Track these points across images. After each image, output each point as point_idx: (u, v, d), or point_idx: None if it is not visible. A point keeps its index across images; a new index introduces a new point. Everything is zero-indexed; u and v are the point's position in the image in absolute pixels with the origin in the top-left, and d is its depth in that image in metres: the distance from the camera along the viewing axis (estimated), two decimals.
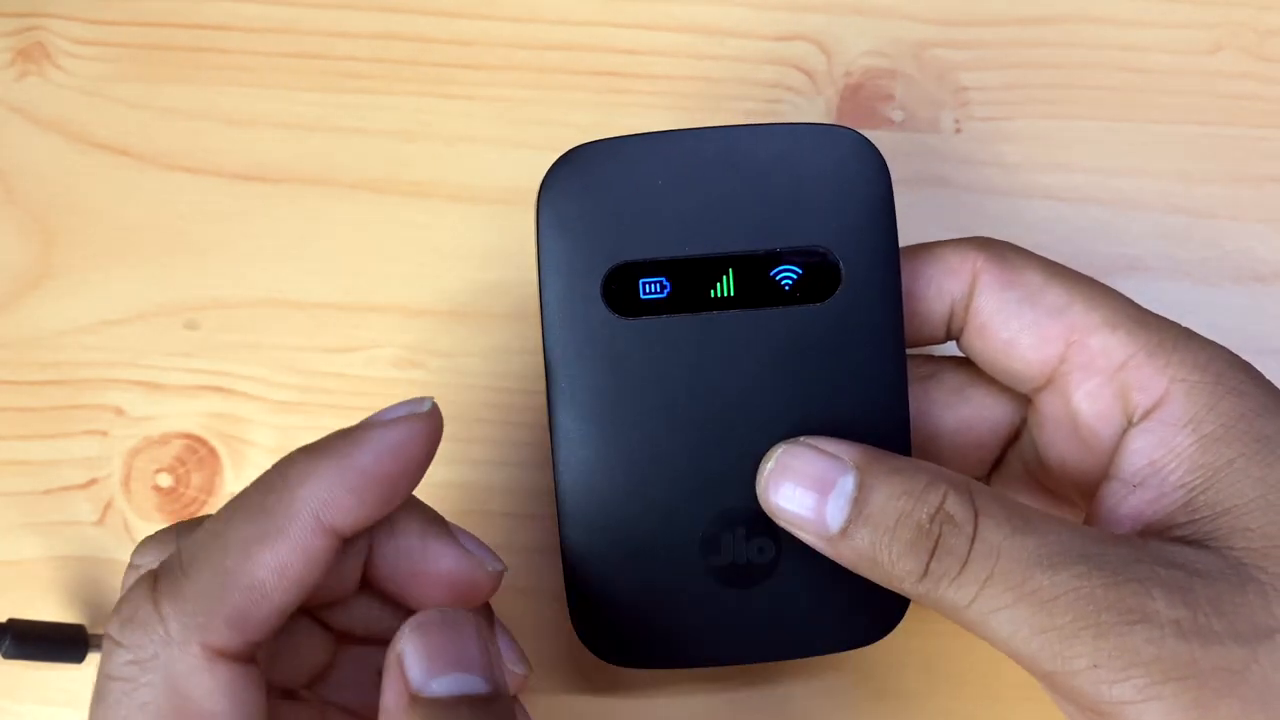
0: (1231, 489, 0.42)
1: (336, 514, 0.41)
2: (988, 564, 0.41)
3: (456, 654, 0.40)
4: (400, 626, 0.41)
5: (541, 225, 0.48)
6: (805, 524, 0.45)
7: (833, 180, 0.47)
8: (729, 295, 0.47)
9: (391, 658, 0.40)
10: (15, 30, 0.63)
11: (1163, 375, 0.44)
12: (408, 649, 0.40)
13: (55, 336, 0.60)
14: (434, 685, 0.39)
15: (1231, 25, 0.61)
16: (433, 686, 0.39)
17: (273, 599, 0.41)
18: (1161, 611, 0.39)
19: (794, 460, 0.45)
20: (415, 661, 0.40)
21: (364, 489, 0.42)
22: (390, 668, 0.40)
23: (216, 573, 0.40)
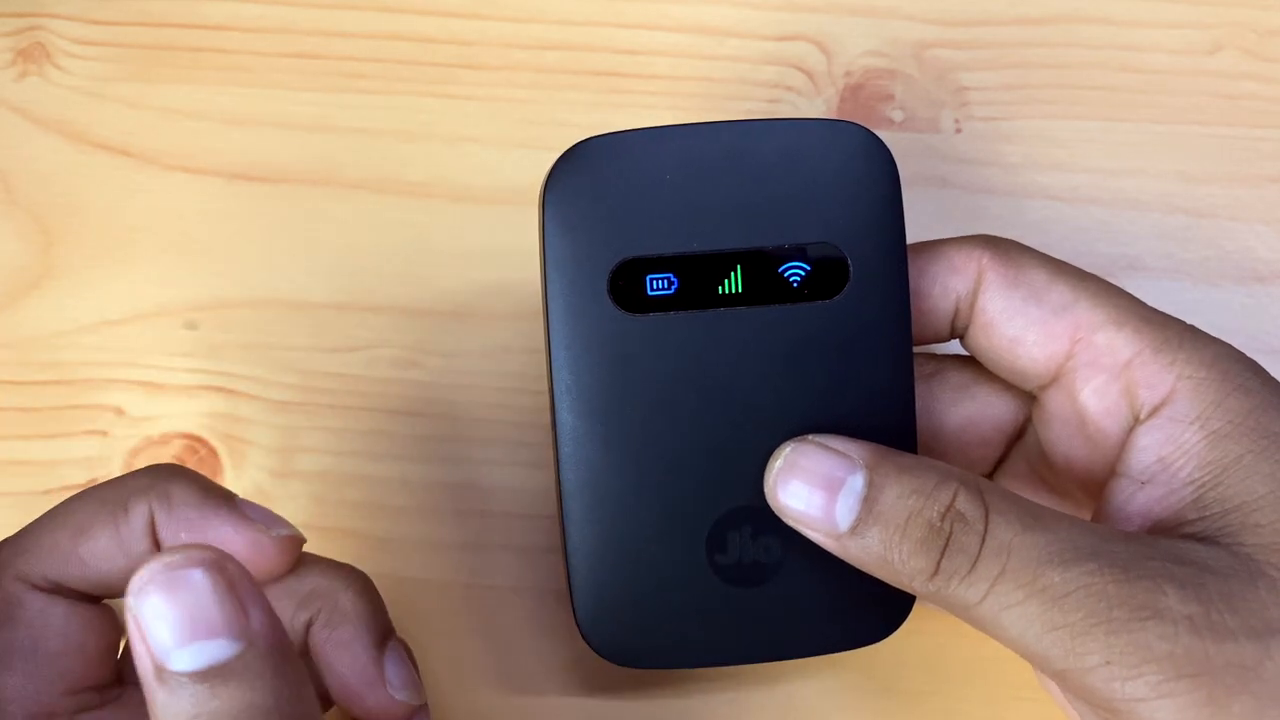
0: (1241, 485, 0.42)
1: None
2: (999, 561, 0.41)
3: (202, 619, 0.36)
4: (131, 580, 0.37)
5: (546, 221, 0.47)
6: (814, 522, 0.45)
7: (841, 176, 0.47)
8: (737, 292, 0.47)
9: (131, 621, 0.36)
10: (15, 30, 0.63)
11: (1169, 372, 0.44)
12: (145, 614, 0.36)
13: (55, 336, 0.60)
14: (183, 659, 0.36)
15: (1231, 25, 0.61)
16: (182, 660, 0.36)
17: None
18: (1174, 608, 0.39)
19: (802, 458, 0.45)
20: (155, 628, 0.36)
21: None
22: (132, 631, 0.36)
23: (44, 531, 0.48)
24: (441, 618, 0.57)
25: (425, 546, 0.58)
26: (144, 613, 0.36)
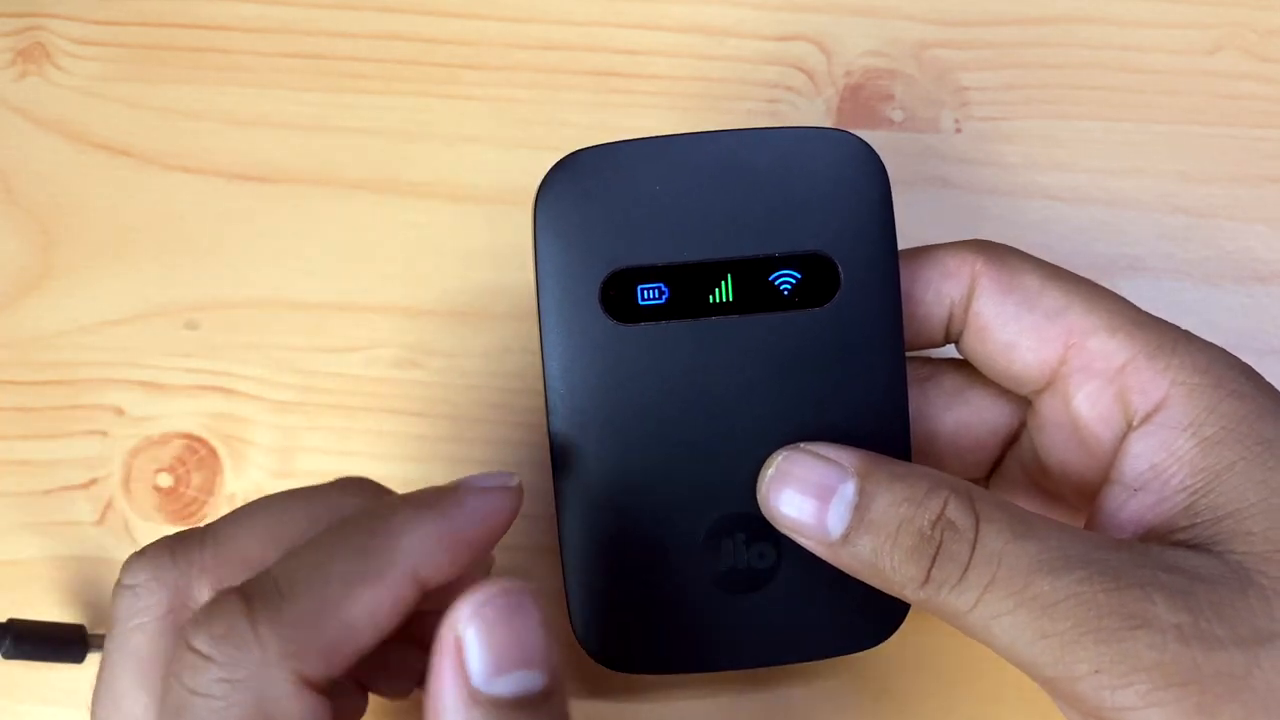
0: (1233, 493, 0.42)
1: (430, 569, 0.41)
2: (989, 570, 0.41)
3: (520, 648, 0.39)
4: (460, 599, 0.39)
5: (539, 232, 0.48)
6: (806, 530, 0.45)
7: (831, 184, 0.47)
8: (728, 301, 0.47)
9: (448, 640, 0.39)
10: (15, 30, 0.63)
11: (1163, 378, 0.44)
12: (470, 638, 0.38)
13: (55, 336, 0.60)
14: (497, 685, 0.38)
15: (1231, 25, 0.61)
16: (495, 686, 0.38)
17: (360, 638, 0.40)
18: (1163, 617, 0.39)
19: (794, 466, 0.45)
20: (477, 654, 0.38)
21: (457, 550, 0.42)
22: (446, 652, 0.39)
23: (317, 602, 0.39)
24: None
25: None
26: (469, 637, 0.38)
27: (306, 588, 0.40)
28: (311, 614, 0.39)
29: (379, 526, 0.42)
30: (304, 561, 0.41)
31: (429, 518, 0.42)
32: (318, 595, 0.40)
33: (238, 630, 0.38)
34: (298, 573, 0.40)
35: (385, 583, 0.41)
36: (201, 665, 0.38)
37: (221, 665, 0.38)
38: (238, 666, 0.38)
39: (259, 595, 0.39)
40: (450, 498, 0.43)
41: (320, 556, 0.41)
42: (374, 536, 0.41)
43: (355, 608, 0.40)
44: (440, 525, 0.42)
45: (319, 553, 0.41)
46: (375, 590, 0.40)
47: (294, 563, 0.41)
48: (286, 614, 0.39)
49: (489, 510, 0.44)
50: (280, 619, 0.39)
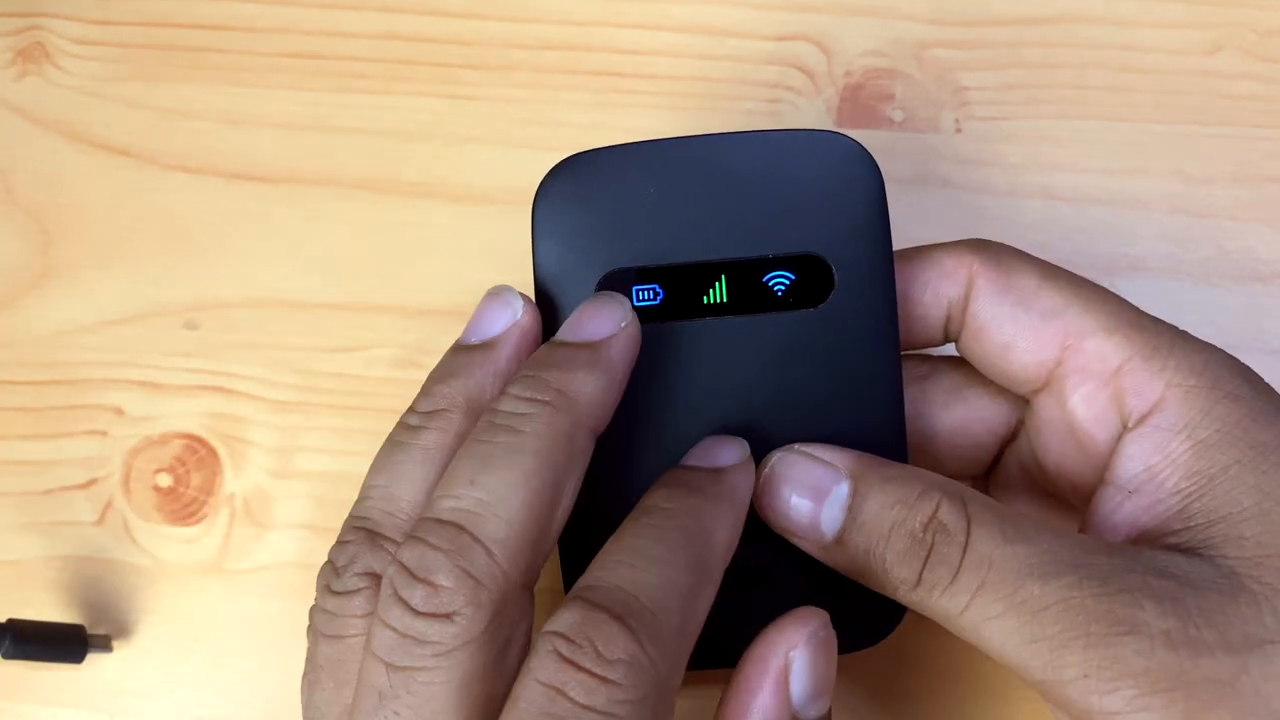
0: (1227, 496, 0.42)
1: None
2: (979, 573, 0.41)
3: (829, 678, 0.43)
4: (783, 621, 0.43)
5: (536, 235, 0.48)
6: (800, 530, 0.45)
7: (825, 186, 0.47)
8: (722, 302, 0.47)
9: (776, 660, 0.42)
10: (15, 30, 0.64)
11: (1159, 380, 0.44)
12: (801, 662, 0.42)
13: (55, 336, 0.60)
14: (811, 709, 0.42)
15: (1231, 25, 0.61)
16: (810, 710, 0.42)
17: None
18: (1151, 622, 0.39)
19: (788, 468, 0.45)
20: (804, 679, 0.42)
21: None
22: (771, 672, 0.42)
23: (679, 619, 0.40)
24: None
25: None
26: (799, 662, 0.42)
27: (670, 608, 0.40)
28: (677, 629, 0.40)
29: (694, 527, 0.43)
30: (656, 579, 0.41)
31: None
32: (679, 611, 0.41)
33: (634, 655, 0.39)
34: (657, 592, 0.40)
35: (716, 581, 0.43)
36: (607, 689, 0.38)
37: (625, 688, 0.38)
38: (639, 687, 0.39)
39: (635, 618, 0.39)
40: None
41: (669, 573, 0.41)
42: (699, 544, 0.43)
43: (702, 617, 0.42)
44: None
45: (667, 569, 0.41)
46: (710, 593, 0.43)
47: (647, 579, 0.41)
48: (664, 633, 0.40)
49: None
50: (661, 637, 0.39)
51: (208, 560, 0.59)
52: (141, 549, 0.59)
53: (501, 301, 0.47)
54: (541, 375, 0.44)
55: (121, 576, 0.59)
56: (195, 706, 0.58)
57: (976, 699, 0.56)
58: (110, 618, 0.58)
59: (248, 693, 0.58)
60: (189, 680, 0.58)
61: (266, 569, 0.59)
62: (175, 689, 0.58)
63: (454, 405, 0.46)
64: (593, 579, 0.40)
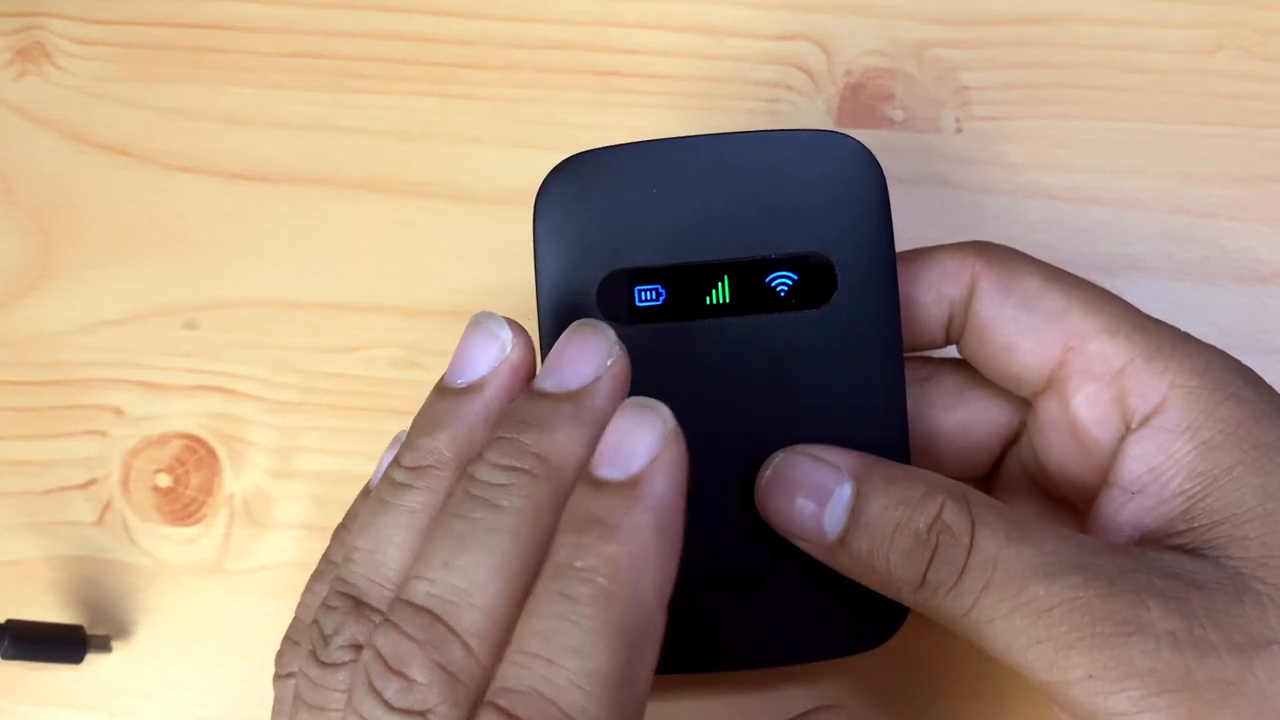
0: (1230, 497, 0.42)
1: None
2: (984, 574, 0.41)
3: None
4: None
5: (538, 235, 0.48)
6: (803, 532, 0.45)
7: (828, 186, 0.47)
8: (724, 302, 0.47)
9: None
10: (15, 30, 0.64)
11: (1161, 381, 0.44)
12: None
13: (55, 336, 0.60)
14: None
15: (1232, 25, 0.61)
16: None
17: None
18: (1157, 623, 0.39)
19: (791, 469, 0.45)
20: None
21: None
22: None
23: (615, 708, 0.36)
24: None
25: None
26: None
27: (599, 707, 0.36)
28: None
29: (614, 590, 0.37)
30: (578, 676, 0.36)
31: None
32: (612, 703, 0.36)
33: None
34: (580, 696, 0.36)
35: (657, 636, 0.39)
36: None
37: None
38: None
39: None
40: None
41: (593, 664, 0.36)
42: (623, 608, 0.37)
43: (646, 678, 0.38)
44: None
45: (589, 659, 0.36)
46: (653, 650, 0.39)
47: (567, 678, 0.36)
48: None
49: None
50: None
51: (207, 560, 0.59)
52: (141, 549, 0.59)
53: (487, 334, 0.44)
54: (519, 439, 0.40)
55: (121, 577, 0.59)
56: (195, 707, 0.58)
57: (978, 701, 0.56)
58: (110, 618, 0.58)
59: (247, 693, 0.58)
60: (188, 680, 0.58)
61: (266, 569, 0.59)
62: (175, 689, 0.58)
63: (441, 461, 0.42)
64: (510, 679, 0.36)
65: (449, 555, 0.39)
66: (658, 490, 0.38)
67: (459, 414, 0.43)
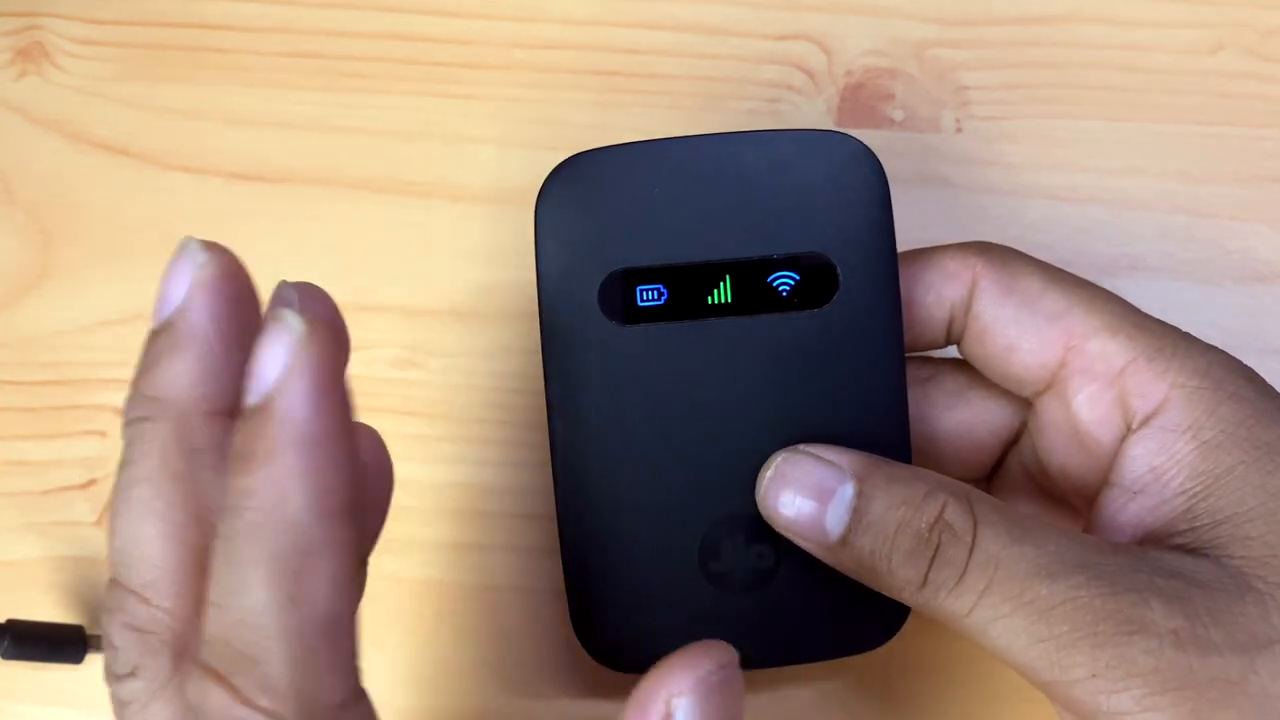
0: (1232, 496, 0.42)
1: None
2: (986, 574, 0.41)
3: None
4: (669, 662, 0.37)
5: (539, 234, 0.48)
6: (805, 531, 0.45)
7: (830, 186, 0.47)
8: (726, 302, 0.47)
9: (656, 708, 0.36)
10: (15, 30, 0.63)
11: (1162, 381, 0.44)
12: (685, 711, 0.36)
13: (54, 336, 0.60)
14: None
15: (1232, 25, 0.61)
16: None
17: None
18: (1159, 622, 0.39)
19: (793, 468, 0.45)
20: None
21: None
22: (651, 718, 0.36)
23: (289, 643, 0.34)
24: (441, 618, 0.57)
25: (425, 546, 0.58)
26: (682, 710, 0.36)
27: (268, 641, 0.34)
28: (291, 659, 0.35)
29: (261, 519, 0.34)
30: (241, 614, 0.34)
31: None
32: (282, 637, 0.34)
33: (248, 717, 0.35)
34: (246, 631, 0.34)
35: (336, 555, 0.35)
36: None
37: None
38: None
39: (236, 674, 0.34)
40: None
41: (251, 599, 0.34)
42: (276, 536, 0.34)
43: (331, 605, 0.35)
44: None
45: (246, 595, 0.34)
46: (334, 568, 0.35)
47: (231, 618, 0.35)
48: (273, 674, 0.34)
49: None
50: (269, 683, 0.34)
51: None
52: None
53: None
54: (137, 387, 0.38)
55: None
56: None
57: (979, 700, 0.56)
58: None
59: None
60: None
61: None
62: None
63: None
64: (204, 630, 0.35)
65: (112, 521, 0.38)
66: (289, 404, 0.34)
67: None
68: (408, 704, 0.57)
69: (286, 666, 0.34)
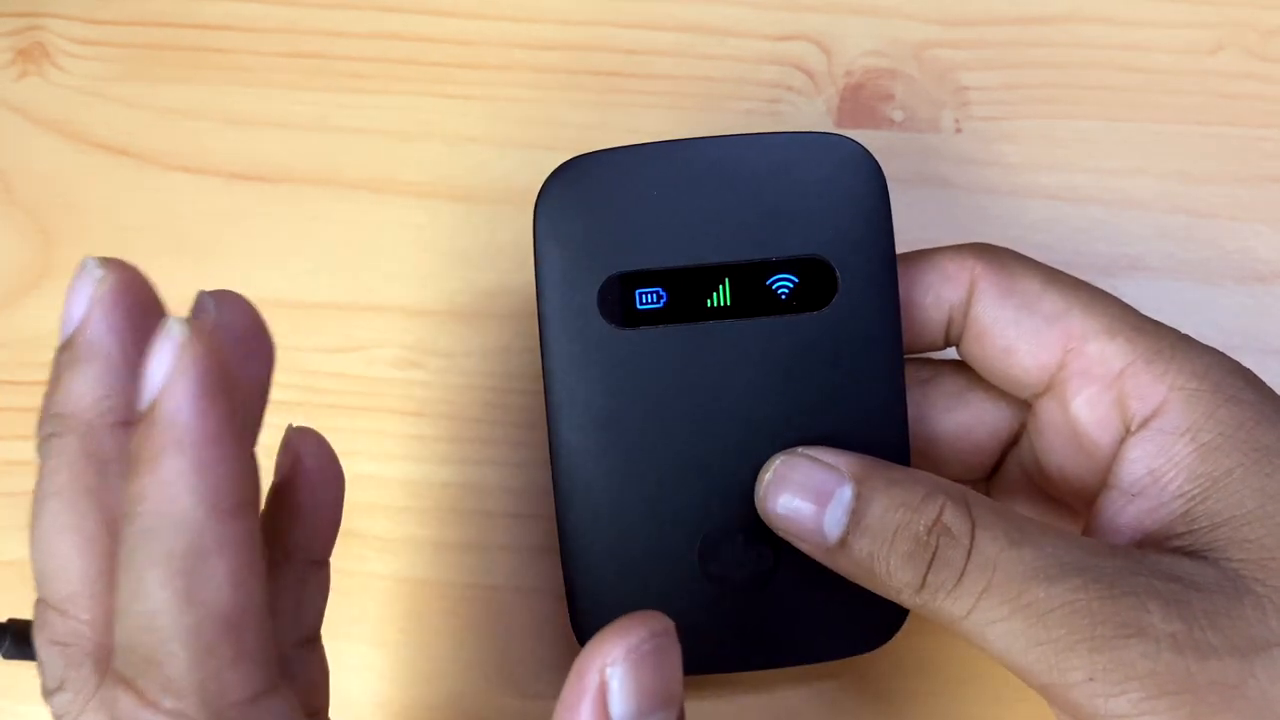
0: (1230, 499, 0.42)
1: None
2: (984, 576, 0.41)
3: (664, 690, 0.36)
4: (602, 634, 0.36)
5: (538, 237, 0.48)
6: (804, 534, 0.45)
7: (829, 189, 0.47)
8: (725, 305, 0.47)
9: (591, 678, 0.36)
10: (15, 30, 0.63)
11: (1161, 383, 0.44)
12: (619, 680, 0.36)
13: (54, 337, 0.60)
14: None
15: (1232, 25, 0.61)
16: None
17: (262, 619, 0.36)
18: (1157, 625, 0.39)
19: (792, 471, 0.45)
20: (622, 697, 0.36)
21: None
22: (588, 691, 0.36)
23: (190, 645, 0.35)
24: (441, 618, 0.57)
25: (425, 546, 0.58)
26: (616, 679, 0.36)
27: (169, 644, 0.35)
28: (192, 660, 0.35)
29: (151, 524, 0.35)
30: (140, 618, 0.35)
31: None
32: (183, 639, 0.35)
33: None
34: (145, 635, 0.35)
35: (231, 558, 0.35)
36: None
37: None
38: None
39: (140, 676, 0.35)
40: None
41: (149, 603, 0.35)
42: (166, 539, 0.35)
43: (236, 605, 0.35)
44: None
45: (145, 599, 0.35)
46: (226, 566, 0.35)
47: (132, 622, 0.35)
48: (177, 675, 0.35)
49: None
50: (174, 684, 0.35)
51: None
52: None
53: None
54: (46, 404, 0.40)
55: None
56: None
57: (977, 702, 0.56)
58: None
59: None
60: None
61: None
62: None
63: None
64: (115, 639, 0.36)
65: (31, 539, 0.40)
66: (173, 407, 0.34)
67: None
68: (407, 703, 0.57)
69: (188, 666, 0.34)
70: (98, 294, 0.39)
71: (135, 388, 0.35)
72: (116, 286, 0.39)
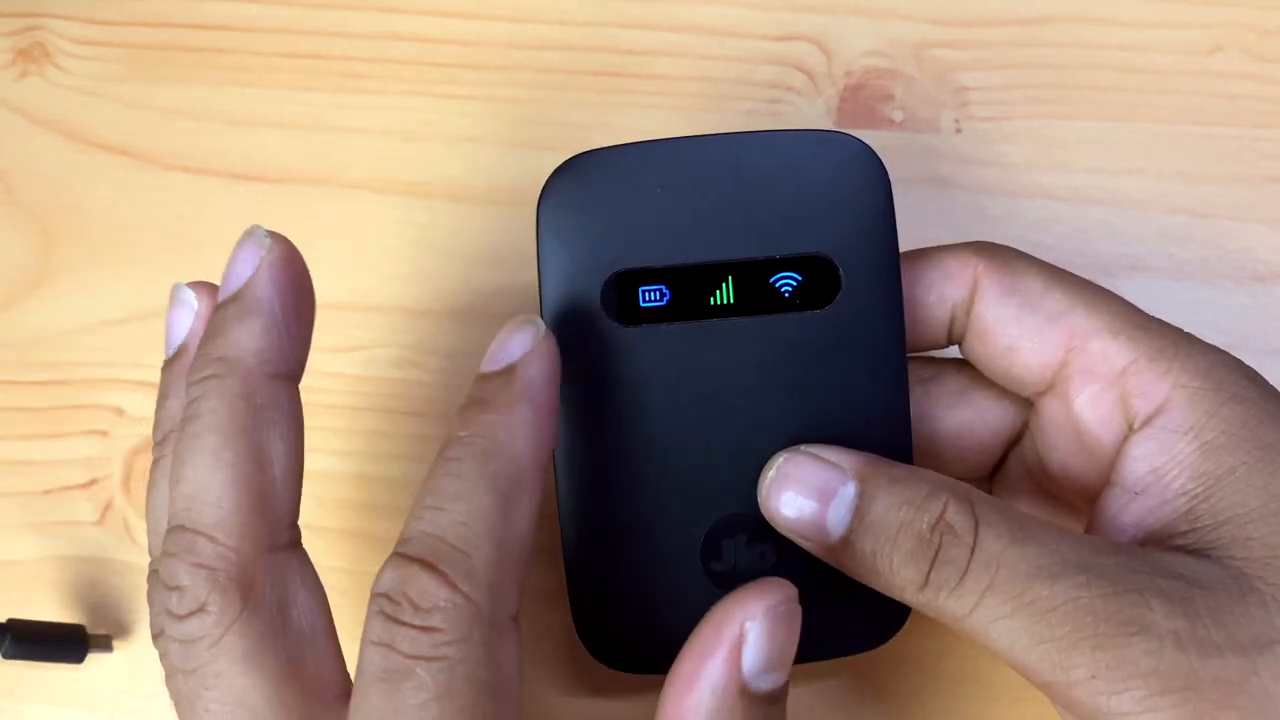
0: (1233, 497, 0.42)
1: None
2: (987, 574, 0.41)
3: (788, 651, 0.41)
4: (744, 591, 0.41)
5: (541, 234, 0.48)
6: (806, 532, 0.45)
7: (832, 187, 0.47)
8: (729, 303, 0.47)
9: (730, 629, 0.41)
10: (15, 30, 0.64)
11: (1164, 381, 0.44)
12: (755, 634, 0.41)
13: (55, 336, 0.60)
14: (763, 681, 0.41)
15: (1231, 25, 0.61)
16: (761, 682, 0.41)
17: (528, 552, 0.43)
18: (1160, 623, 0.39)
19: (795, 469, 0.45)
20: (758, 651, 0.41)
21: None
22: (725, 640, 0.41)
23: (493, 545, 0.41)
24: None
25: None
26: (755, 633, 0.41)
27: (479, 540, 0.41)
28: (492, 559, 0.41)
29: (489, 447, 0.42)
30: (460, 515, 0.41)
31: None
32: (490, 539, 0.41)
33: (449, 599, 0.40)
34: (462, 529, 0.41)
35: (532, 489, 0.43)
36: (414, 635, 0.40)
37: (446, 631, 0.40)
38: (459, 627, 0.40)
39: (443, 561, 0.40)
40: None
41: (471, 505, 0.41)
42: (499, 462, 0.42)
43: (523, 529, 0.42)
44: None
45: (467, 502, 0.41)
46: (529, 503, 0.43)
47: (450, 518, 0.41)
48: (478, 567, 0.40)
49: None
50: (475, 574, 0.40)
51: None
52: (142, 549, 0.59)
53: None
54: (203, 351, 0.44)
55: (122, 576, 0.59)
56: None
57: (978, 700, 0.56)
58: (110, 618, 0.58)
59: None
60: None
61: None
62: None
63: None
64: (408, 531, 0.41)
65: (178, 472, 0.43)
66: (530, 375, 0.43)
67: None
68: None
69: (493, 565, 0.41)
70: (269, 259, 0.44)
71: (300, 349, 0.45)
72: (283, 256, 0.45)
